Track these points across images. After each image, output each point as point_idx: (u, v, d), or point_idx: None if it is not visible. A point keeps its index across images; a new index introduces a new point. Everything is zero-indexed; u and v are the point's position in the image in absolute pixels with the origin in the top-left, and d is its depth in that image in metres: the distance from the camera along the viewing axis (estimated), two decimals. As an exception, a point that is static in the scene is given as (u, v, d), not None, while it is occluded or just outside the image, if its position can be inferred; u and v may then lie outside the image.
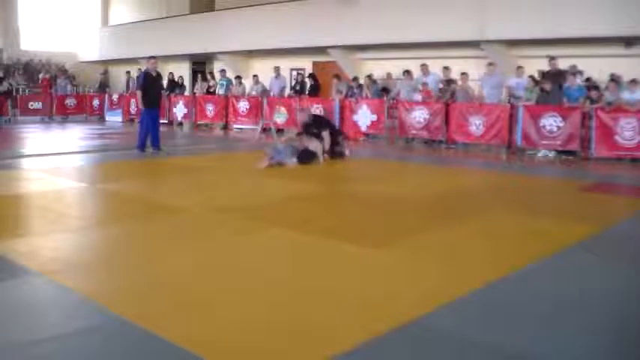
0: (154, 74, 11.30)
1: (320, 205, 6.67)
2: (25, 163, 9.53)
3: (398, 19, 15.82)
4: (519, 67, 12.91)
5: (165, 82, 16.39)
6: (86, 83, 26.59)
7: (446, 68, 13.51)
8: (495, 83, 12.65)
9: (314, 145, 9.80)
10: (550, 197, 7.59)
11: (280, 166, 9.12)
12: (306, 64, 19.34)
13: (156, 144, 11.22)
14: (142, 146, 11.08)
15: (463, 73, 12.91)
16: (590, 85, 11.59)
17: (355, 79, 15.34)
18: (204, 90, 18.46)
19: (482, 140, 12.03)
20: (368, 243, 4.83)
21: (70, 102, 21.29)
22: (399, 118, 13.22)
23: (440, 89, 13.29)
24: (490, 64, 12.99)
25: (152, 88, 11.18)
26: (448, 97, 12.87)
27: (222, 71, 18.54)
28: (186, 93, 19.49)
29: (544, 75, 11.89)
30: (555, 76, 11.70)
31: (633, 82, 10.82)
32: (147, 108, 11.07)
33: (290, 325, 3.16)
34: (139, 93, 11.19)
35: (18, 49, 26.49)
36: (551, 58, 11.90)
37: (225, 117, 16.99)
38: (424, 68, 13.80)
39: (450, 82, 13.15)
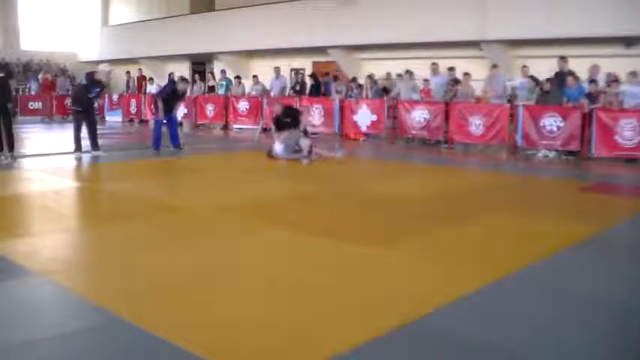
0: (179, 93, 11.53)
1: (320, 204, 6.67)
2: (25, 163, 9.52)
3: (398, 19, 15.83)
4: (524, 67, 12.88)
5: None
6: (86, 84, 26.54)
7: (450, 69, 13.42)
8: (499, 84, 12.62)
9: (305, 142, 9.77)
10: (550, 197, 7.59)
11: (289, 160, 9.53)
12: (306, 64, 19.34)
13: (176, 142, 11.39)
14: (156, 146, 11.24)
15: (466, 74, 12.89)
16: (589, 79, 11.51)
17: (354, 79, 15.33)
18: (202, 90, 18.53)
19: (482, 140, 12.02)
20: (368, 243, 4.83)
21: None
22: (399, 118, 13.21)
23: (445, 90, 13.22)
24: (494, 66, 12.96)
25: (173, 101, 11.40)
26: (449, 97, 12.85)
27: (223, 71, 18.55)
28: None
29: (556, 75, 11.75)
30: (557, 76, 11.67)
31: (632, 74, 10.82)
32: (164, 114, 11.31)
33: (290, 325, 3.16)
34: (160, 103, 11.25)
35: (18, 49, 26.48)
36: (561, 58, 11.81)
37: (225, 117, 16.99)
38: (434, 67, 13.65)
39: (455, 82, 13.10)
